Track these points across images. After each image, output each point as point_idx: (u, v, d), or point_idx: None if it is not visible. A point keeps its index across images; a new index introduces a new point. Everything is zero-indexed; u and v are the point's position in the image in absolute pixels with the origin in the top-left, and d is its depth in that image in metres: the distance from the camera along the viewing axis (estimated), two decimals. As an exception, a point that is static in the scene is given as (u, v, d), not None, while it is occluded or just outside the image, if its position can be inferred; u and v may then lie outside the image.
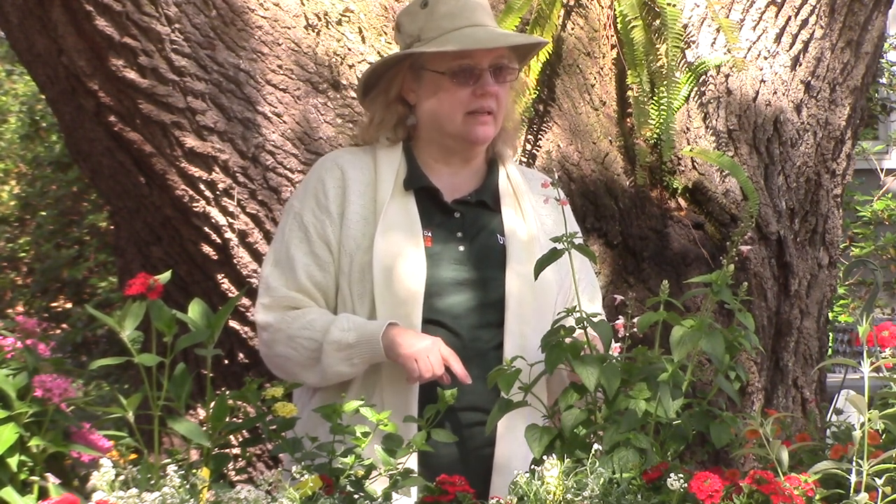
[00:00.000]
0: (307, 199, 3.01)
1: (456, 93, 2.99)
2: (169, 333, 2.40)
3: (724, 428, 2.70)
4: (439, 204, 3.03)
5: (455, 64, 2.99)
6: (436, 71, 3.00)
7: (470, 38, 2.98)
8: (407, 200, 3.00)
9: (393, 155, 3.04)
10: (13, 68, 10.41)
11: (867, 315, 2.61)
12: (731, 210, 4.25)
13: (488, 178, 3.10)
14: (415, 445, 2.54)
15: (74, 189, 9.54)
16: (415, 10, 3.05)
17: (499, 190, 3.09)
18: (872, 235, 9.79)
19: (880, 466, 2.41)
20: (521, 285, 3.01)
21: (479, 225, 3.05)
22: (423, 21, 3.01)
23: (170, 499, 2.18)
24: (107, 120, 3.90)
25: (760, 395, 4.29)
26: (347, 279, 2.95)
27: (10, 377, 2.30)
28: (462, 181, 3.08)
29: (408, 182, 3.02)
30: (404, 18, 3.08)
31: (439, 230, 3.00)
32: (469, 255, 3.00)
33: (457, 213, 3.03)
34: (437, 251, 2.97)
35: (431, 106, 3.02)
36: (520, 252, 3.03)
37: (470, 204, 3.05)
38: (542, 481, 2.36)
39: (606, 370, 2.69)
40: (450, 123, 3.01)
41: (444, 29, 2.99)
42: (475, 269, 3.00)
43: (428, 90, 3.02)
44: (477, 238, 3.03)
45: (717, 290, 2.76)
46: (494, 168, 3.11)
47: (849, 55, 4.52)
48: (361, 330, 2.89)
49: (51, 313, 9.44)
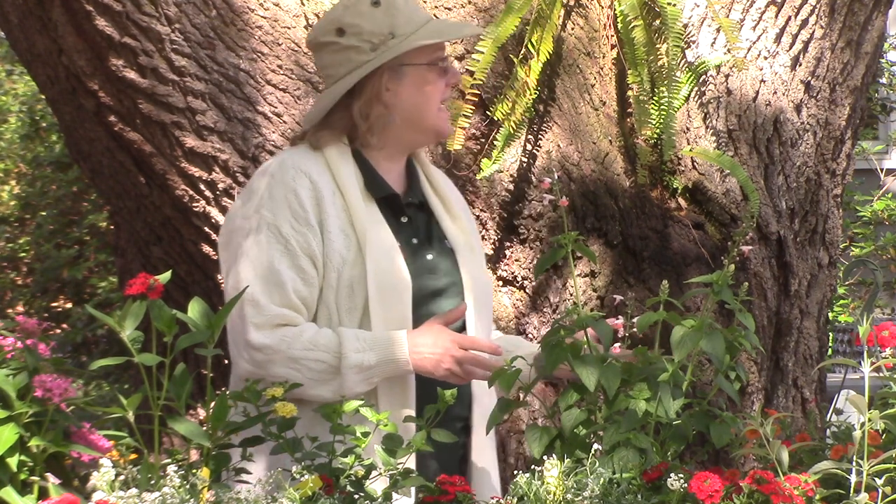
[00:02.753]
0: (280, 209, 2.89)
1: (436, 84, 2.99)
2: (169, 333, 2.40)
3: (724, 428, 2.70)
4: (393, 209, 2.99)
5: (434, 55, 2.99)
6: (420, 64, 2.98)
7: (452, 27, 3.00)
8: (373, 208, 2.95)
9: (345, 158, 2.97)
10: (13, 68, 10.41)
11: (867, 315, 2.61)
12: (731, 210, 4.26)
13: (413, 178, 3.07)
14: (415, 445, 2.54)
15: (74, 189, 9.54)
16: (365, 10, 2.98)
17: (423, 188, 3.07)
18: (872, 235, 9.79)
19: (880, 466, 2.41)
20: (474, 286, 3.02)
21: (424, 228, 3.03)
22: (388, 18, 2.96)
23: (170, 499, 2.18)
24: (107, 120, 3.90)
25: (760, 395, 4.29)
26: (335, 293, 2.88)
27: (10, 377, 2.30)
28: (396, 182, 3.04)
29: (370, 189, 2.97)
30: (355, 19, 2.97)
31: (400, 237, 2.97)
32: (437, 262, 3.00)
33: (404, 217, 3.00)
34: (411, 261, 2.94)
35: (414, 100, 2.98)
36: (465, 251, 3.04)
37: (413, 206, 3.03)
38: (542, 481, 2.36)
39: (606, 370, 2.69)
40: (429, 116, 2.99)
41: (417, 23, 2.97)
42: (443, 275, 3.00)
43: (412, 85, 2.98)
44: (433, 244, 3.02)
45: (718, 290, 2.77)
46: (413, 167, 3.09)
47: (849, 55, 4.52)
48: (379, 349, 2.84)
49: (51, 313, 9.44)
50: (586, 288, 4.09)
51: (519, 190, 4.09)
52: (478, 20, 4.11)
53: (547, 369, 2.78)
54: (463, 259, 3.02)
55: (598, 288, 4.10)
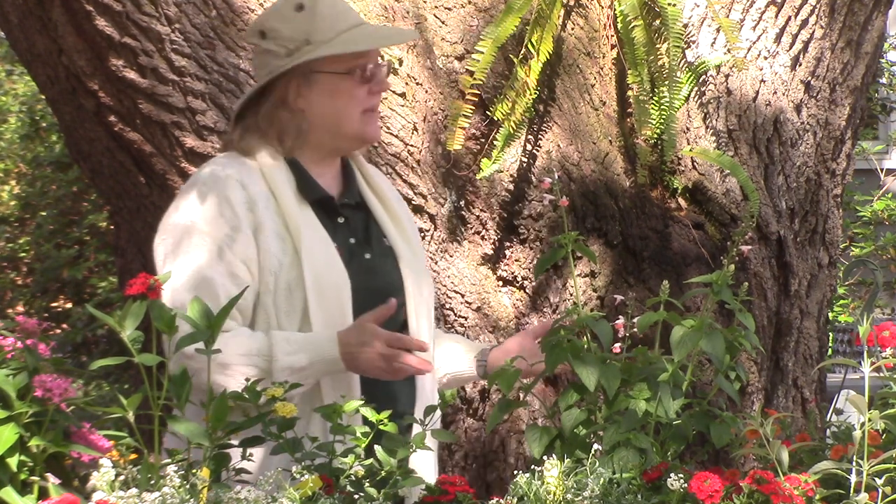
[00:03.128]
0: (212, 216, 2.88)
1: (356, 92, 2.96)
2: (169, 333, 2.40)
3: (724, 428, 2.70)
4: (328, 211, 2.98)
5: (355, 63, 2.95)
6: (333, 72, 2.96)
7: (373, 36, 2.97)
8: (307, 211, 2.94)
9: (277, 164, 2.96)
10: (13, 68, 10.42)
11: (867, 315, 2.61)
12: (731, 210, 4.26)
13: (349, 179, 3.06)
14: (415, 445, 2.55)
15: (74, 189, 9.55)
16: (288, 14, 2.97)
17: (360, 189, 3.07)
18: (872, 235, 9.79)
19: (880, 466, 2.41)
20: (414, 284, 3.01)
21: (362, 228, 3.03)
22: (307, 24, 2.94)
23: (170, 499, 2.19)
24: (107, 120, 3.90)
25: (760, 395, 4.30)
26: (272, 297, 2.86)
27: (10, 377, 2.30)
28: (331, 184, 3.03)
29: (303, 192, 2.96)
30: (276, 24, 2.97)
31: (336, 238, 2.96)
32: (374, 261, 2.99)
33: (341, 218, 3.00)
34: (348, 261, 2.93)
35: (327, 108, 2.96)
36: (404, 249, 3.03)
37: (349, 207, 3.02)
38: (542, 481, 2.36)
39: (606, 370, 2.69)
40: (348, 123, 2.96)
41: (337, 30, 2.94)
42: (381, 274, 2.99)
43: (323, 92, 2.96)
44: (370, 242, 3.01)
45: (718, 290, 2.77)
46: (350, 168, 3.08)
47: (849, 55, 4.52)
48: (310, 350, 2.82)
49: (51, 313, 9.45)
50: (586, 288, 4.09)
51: (519, 190, 4.09)
52: (478, 20, 4.11)
53: (548, 369, 2.78)
54: (403, 257, 3.02)
55: (598, 288, 4.10)
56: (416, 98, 4.02)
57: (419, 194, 3.97)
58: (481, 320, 4.01)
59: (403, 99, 3.99)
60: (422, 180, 3.98)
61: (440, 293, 3.98)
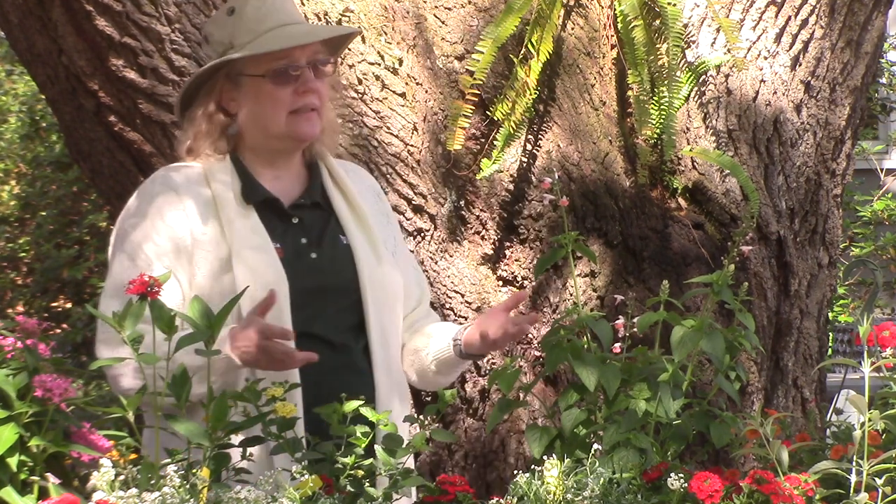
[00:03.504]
0: (145, 226, 2.90)
1: (277, 93, 2.94)
2: (169, 333, 2.40)
3: (724, 428, 2.71)
4: (278, 212, 2.97)
5: (274, 65, 2.94)
6: (254, 75, 2.95)
7: (284, 37, 2.94)
8: (249, 214, 2.94)
9: (223, 168, 2.97)
10: (13, 68, 10.41)
11: (867, 315, 2.62)
12: (731, 210, 4.26)
13: (313, 179, 3.05)
14: (415, 445, 2.55)
15: (74, 189, 9.55)
16: (221, 18, 3.00)
17: (325, 189, 3.06)
18: (872, 235, 9.79)
19: (880, 466, 2.41)
20: (373, 282, 2.98)
21: (319, 227, 3.01)
22: (232, 27, 2.96)
23: (170, 499, 2.19)
24: (107, 120, 3.90)
25: (760, 395, 4.29)
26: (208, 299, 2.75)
27: (10, 377, 2.30)
28: (289, 185, 3.02)
29: (246, 195, 2.95)
30: (212, 28, 3.01)
31: (285, 239, 2.95)
32: (322, 261, 2.97)
33: (295, 218, 2.99)
34: (291, 261, 2.92)
35: (253, 110, 2.96)
36: (364, 248, 3.00)
37: (306, 207, 3.01)
38: (542, 481, 2.37)
39: (606, 370, 2.70)
40: (274, 125, 2.95)
41: (256, 32, 2.95)
42: (330, 273, 2.96)
43: (248, 95, 2.96)
44: (323, 242, 2.99)
45: (718, 290, 2.77)
46: (316, 168, 3.07)
47: (849, 55, 4.52)
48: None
49: (51, 313, 9.45)
50: (586, 288, 4.09)
51: (519, 190, 4.09)
52: (478, 20, 4.11)
53: (548, 369, 2.78)
54: (360, 255, 2.99)
55: (598, 288, 4.10)
56: (416, 98, 4.02)
57: (419, 194, 3.97)
58: (481, 320, 4.01)
59: (403, 99, 3.99)
60: (422, 180, 3.98)
61: (440, 293, 3.98)
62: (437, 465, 3.91)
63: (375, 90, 3.95)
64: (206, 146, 2.98)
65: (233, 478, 2.41)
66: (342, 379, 2.87)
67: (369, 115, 3.94)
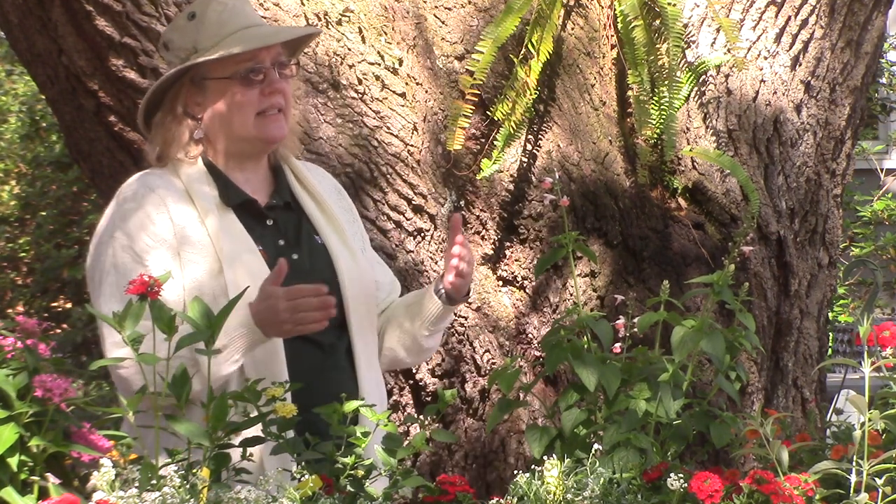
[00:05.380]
0: (134, 230, 2.90)
1: (244, 95, 2.95)
2: (169, 333, 2.40)
3: (724, 428, 2.71)
4: (254, 213, 2.98)
5: (240, 67, 2.94)
6: (220, 78, 2.95)
7: (249, 39, 2.94)
8: (230, 217, 2.94)
9: (197, 172, 2.97)
10: (13, 68, 10.42)
11: (867, 315, 2.62)
12: (731, 210, 4.26)
13: (279, 180, 3.05)
14: (415, 445, 2.55)
15: (74, 189, 9.55)
16: (182, 24, 3.00)
17: (292, 190, 3.06)
18: (872, 235, 9.79)
19: (880, 466, 2.41)
20: (352, 281, 2.99)
21: (293, 228, 3.02)
22: (194, 32, 2.96)
23: (170, 499, 2.19)
24: (107, 120, 3.90)
25: (760, 395, 4.30)
26: None
27: (10, 377, 2.30)
28: (258, 187, 3.03)
29: (225, 198, 2.96)
30: (172, 34, 3.02)
31: (264, 241, 2.96)
32: (303, 261, 2.98)
33: (269, 220, 3.00)
34: (274, 263, 2.88)
35: (220, 113, 2.96)
36: (339, 247, 3.01)
37: (278, 208, 3.02)
38: (542, 481, 2.37)
39: (606, 370, 2.70)
40: (241, 127, 2.96)
41: (219, 35, 2.95)
42: (312, 274, 2.95)
43: (214, 99, 2.96)
44: (300, 242, 3.00)
45: (718, 291, 2.77)
46: (280, 170, 3.07)
47: (849, 55, 4.52)
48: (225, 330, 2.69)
49: (51, 313, 9.46)
50: (586, 288, 4.09)
51: (519, 190, 4.09)
52: (478, 20, 4.11)
53: (548, 369, 2.78)
54: (337, 254, 3.00)
55: (598, 288, 4.10)
56: (416, 98, 4.02)
57: (419, 194, 3.97)
58: (481, 320, 4.01)
59: (403, 99, 3.99)
60: (422, 180, 3.98)
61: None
62: (437, 465, 3.91)
63: (375, 90, 3.95)
64: (176, 151, 2.98)
65: (233, 478, 2.41)
66: (331, 379, 2.89)
67: (369, 115, 3.94)
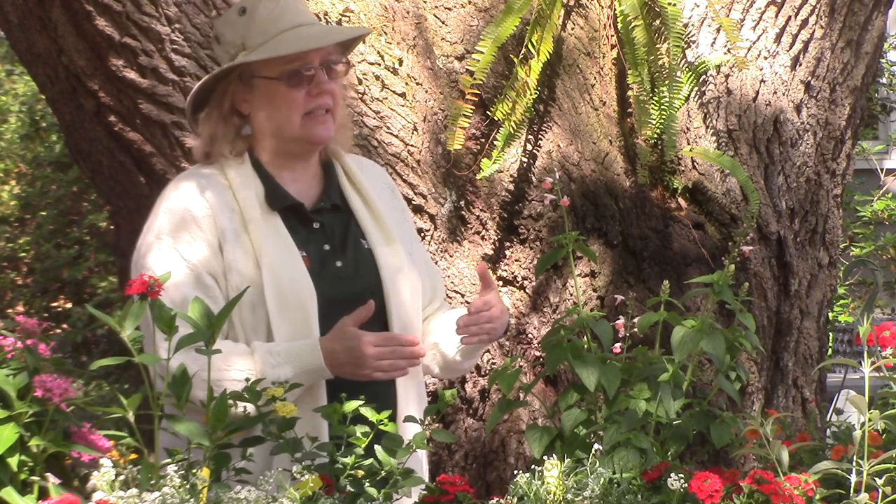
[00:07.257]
0: (178, 231, 2.89)
1: (291, 96, 2.92)
2: (169, 333, 2.40)
3: (724, 428, 2.71)
4: (300, 217, 2.96)
5: (287, 67, 2.92)
6: (267, 77, 2.93)
7: (298, 40, 2.92)
8: (275, 221, 2.92)
9: (245, 172, 2.95)
10: (13, 68, 10.41)
11: (867, 315, 2.62)
12: (731, 210, 4.26)
13: (329, 179, 3.03)
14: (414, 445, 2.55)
15: (74, 189, 9.55)
16: (233, 18, 2.97)
17: (342, 189, 3.04)
18: (872, 235, 9.78)
19: (880, 466, 2.42)
20: (396, 287, 2.97)
21: (340, 232, 2.99)
22: (243, 28, 2.94)
23: (170, 499, 2.19)
24: (107, 120, 3.90)
25: (760, 395, 4.30)
26: (238, 312, 2.83)
27: (10, 377, 2.30)
28: (307, 187, 3.01)
29: (271, 201, 2.94)
30: (223, 28, 2.99)
31: (309, 246, 2.94)
32: (347, 269, 2.96)
33: (316, 223, 2.98)
34: (317, 270, 2.90)
35: (267, 113, 2.95)
36: (385, 253, 2.99)
37: (326, 210, 3.00)
38: (542, 481, 2.37)
39: (606, 370, 2.70)
40: (289, 127, 2.94)
41: (268, 34, 2.92)
42: (356, 281, 2.95)
43: (262, 97, 2.95)
44: (346, 248, 2.98)
45: (718, 291, 2.77)
46: (331, 167, 3.05)
47: (849, 55, 4.52)
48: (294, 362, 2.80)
49: (51, 313, 9.45)
50: (586, 288, 4.09)
51: (519, 190, 4.09)
52: (478, 20, 4.11)
53: (548, 369, 2.78)
54: (383, 258, 2.98)
55: (598, 288, 4.11)
56: (416, 98, 4.02)
57: (419, 194, 3.97)
58: (481, 320, 4.01)
59: (403, 99, 3.99)
60: (422, 180, 3.98)
61: (440, 293, 3.98)
62: (437, 465, 3.91)
63: (375, 90, 3.95)
64: (223, 149, 2.97)
65: (233, 478, 2.41)
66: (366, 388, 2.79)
67: (369, 115, 3.94)
